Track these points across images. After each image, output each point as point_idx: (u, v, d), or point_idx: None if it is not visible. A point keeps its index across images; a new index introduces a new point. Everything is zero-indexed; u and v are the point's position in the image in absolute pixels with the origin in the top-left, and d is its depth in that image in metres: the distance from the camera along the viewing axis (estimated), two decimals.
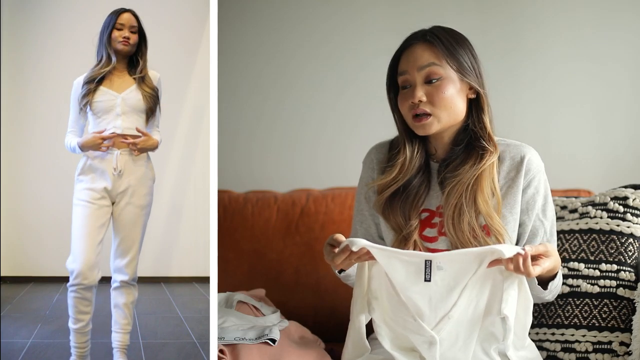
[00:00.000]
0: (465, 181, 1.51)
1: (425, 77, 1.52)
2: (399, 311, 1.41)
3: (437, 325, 1.39)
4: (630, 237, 1.68)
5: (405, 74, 1.54)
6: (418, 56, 1.53)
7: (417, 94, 1.51)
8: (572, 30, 2.32)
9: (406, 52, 1.55)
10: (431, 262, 1.39)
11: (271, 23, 2.50)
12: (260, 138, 2.51)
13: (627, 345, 1.60)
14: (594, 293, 1.66)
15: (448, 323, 1.39)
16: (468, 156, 1.54)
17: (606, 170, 2.30)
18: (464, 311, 1.39)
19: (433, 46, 1.53)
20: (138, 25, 1.59)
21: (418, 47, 1.54)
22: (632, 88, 2.29)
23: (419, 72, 1.52)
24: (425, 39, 1.54)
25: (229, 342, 1.50)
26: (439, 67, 1.51)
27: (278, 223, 2.22)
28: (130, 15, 1.58)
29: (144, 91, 1.58)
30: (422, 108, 1.51)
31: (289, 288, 2.15)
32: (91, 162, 1.57)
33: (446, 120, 1.53)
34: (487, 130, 1.55)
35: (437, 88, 1.51)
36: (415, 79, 1.52)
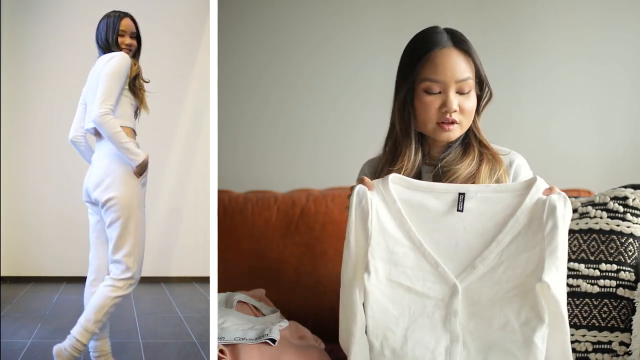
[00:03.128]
0: (462, 178, 1.52)
1: (458, 88, 1.51)
2: (417, 264, 1.39)
3: (461, 275, 1.37)
4: (630, 237, 1.68)
5: (439, 82, 1.50)
6: (455, 67, 1.50)
7: (453, 104, 1.50)
8: (572, 30, 2.32)
9: (438, 57, 1.51)
10: (464, 194, 1.39)
11: (271, 23, 2.50)
12: (260, 138, 2.52)
13: (627, 345, 1.60)
14: (593, 293, 1.66)
15: (472, 273, 1.37)
16: (465, 154, 1.55)
17: (606, 170, 2.30)
18: (493, 268, 1.36)
19: (467, 55, 1.52)
20: (137, 30, 1.57)
21: (453, 54, 1.51)
22: (632, 88, 2.29)
23: (456, 84, 1.50)
24: (457, 46, 1.52)
25: (229, 342, 1.50)
26: (472, 80, 1.52)
27: (278, 223, 2.22)
28: (130, 21, 1.56)
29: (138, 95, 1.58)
30: (453, 118, 1.51)
31: (289, 288, 2.15)
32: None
33: (465, 127, 1.55)
34: (481, 133, 1.58)
35: (467, 99, 1.52)
36: (449, 89, 1.50)
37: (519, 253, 1.36)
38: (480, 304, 1.37)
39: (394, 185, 1.42)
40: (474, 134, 1.58)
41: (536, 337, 1.31)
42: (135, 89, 1.51)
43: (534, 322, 1.32)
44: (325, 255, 2.15)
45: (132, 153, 1.49)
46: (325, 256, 2.15)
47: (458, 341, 1.35)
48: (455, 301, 1.37)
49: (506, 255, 1.37)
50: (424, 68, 1.52)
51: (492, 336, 1.35)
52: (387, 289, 1.39)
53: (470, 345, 1.35)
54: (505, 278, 1.36)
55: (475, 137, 1.57)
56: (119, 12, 1.56)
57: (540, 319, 1.32)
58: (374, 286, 1.37)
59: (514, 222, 1.37)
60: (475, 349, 1.35)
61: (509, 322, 1.34)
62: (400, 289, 1.39)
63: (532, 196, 1.38)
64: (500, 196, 1.39)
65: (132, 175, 1.51)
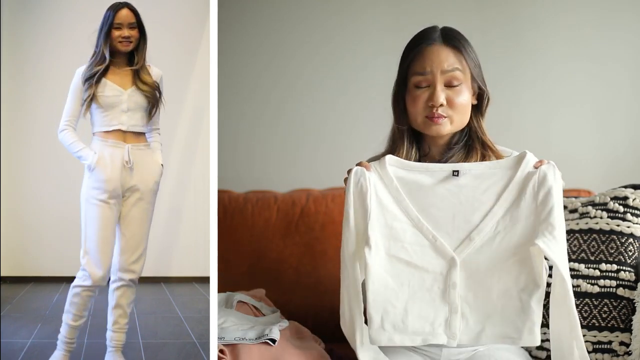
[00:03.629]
0: None
1: (446, 81, 1.51)
2: (415, 240, 1.42)
3: (458, 248, 1.41)
4: (630, 237, 1.68)
5: (426, 74, 1.51)
6: (443, 59, 1.51)
7: (439, 97, 1.50)
8: (572, 30, 2.32)
9: (426, 51, 1.52)
10: (458, 171, 1.43)
11: (271, 23, 2.50)
12: (261, 138, 2.52)
13: (627, 345, 1.60)
14: (594, 293, 1.66)
15: (469, 246, 1.40)
16: (468, 157, 1.54)
17: (606, 170, 2.30)
18: (489, 240, 1.40)
19: (457, 50, 1.52)
20: (137, 19, 1.56)
21: (441, 48, 1.52)
22: (632, 88, 2.29)
23: (442, 75, 1.50)
24: (447, 42, 1.52)
25: (229, 342, 1.50)
26: (461, 72, 1.51)
27: (278, 223, 2.22)
28: (128, 11, 1.55)
29: (143, 89, 1.57)
30: (440, 112, 1.51)
31: (289, 288, 2.15)
32: (100, 157, 1.55)
33: (458, 124, 1.54)
34: (486, 134, 1.57)
35: (457, 93, 1.51)
36: (436, 81, 1.50)
37: (514, 223, 1.41)
38: (478, 275, 1.41)
39: (390, 166, 1.47)
40: (477, 135, 1.56)
41: (532, 302, 1.37)
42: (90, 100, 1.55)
43: (531, 286, 1.37)
44: (325, 255, 2.15)
45: (83, 159, 1.56)
46: (325, 256, 2.15)
47: (457, 313, 1.40)
48: (454, 273, 1.41)
49: (502, 226, 1.41)
50: (413, 63, 1.53)
51: (490, 305, 1.39)
52: (387, 264, 1.42)
53: (468, 316, 1.40)
54: (502, 248, 1.40)
55: (478, 138, 1.56)
56: (118, 3, 1.55)
57: (536, 284, 1.37)
58: (374, 260, 1.41)
59: (507, 194, 1.42)
60: (473, 320, 1.40)
61: (507, 290, 1.39)
62: (399, 263, 1.42)
63: (522, 169, 1.43)
64: (492, 172, 1.44)
65: (87, 173, 1.56)
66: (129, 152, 1.56)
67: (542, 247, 1.34)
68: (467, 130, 1.57)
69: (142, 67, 1.58)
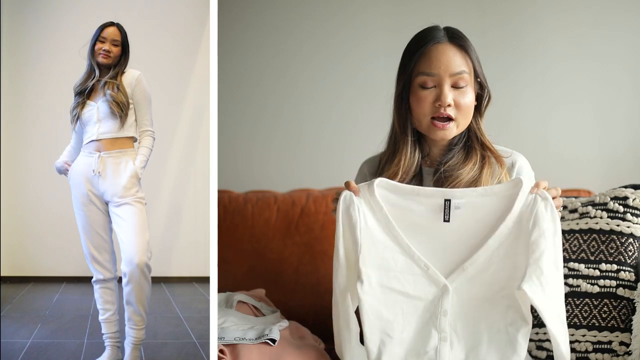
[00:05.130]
0: (465, 183, 1.51)
1: (453, 82, 1.50)
2: (407, 268, 1.40)
3: (451, 276, 1.40)
4: (630, 237, 1.68)
5: (433, 75, 1.50)
6: (450, 60, 1.50)
7: (447, 98, 1.49)
8: (571, 29, 2.32)
9: (432, 51, 1.51)
10: (450, 201, 1.39)
11: (271, 23, 2.50)
12: (260, 138, 2.52)
13: (627, 345, 1.60)
14: (594, 293, 1.66)
15: (462, 275, 1.39)
16: (467, 157, 1.54)
17: (606, 170, 2.30)
18: (482, 270, 1.38)
19: (462, 50, 1.52)
20: (122, 38, 1.60)
21: (447, 48, 1.51)
22: (632, 87, 2.29)
23: (450, 77, 1.50)
24: (453, 41, 1.52)
25: (229, 342, 1.50)
26: (468, 74, 1.51)
27: (278, 223, 2.22)
28: (115, 29, 1.60)
29: (108, 100, 1.59)
30: (447, 112, 1.50)
31: (289, 288, 2.15)
32: (73, 167, 1.61)
33: (462, 126, 1.53)
34: (485, 135, 1.57)
35: (463, 94, 1.51)
36: (444, 82, 1.50)
37: (507, 257, 1.39)
38: (470, 304, 1.39)
39: (379, 190, 1.43)
40: (476, 136, 1.56)
41: (520, 336, 1.36)
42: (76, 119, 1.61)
43: (519, 322, 1.37)
44: (325, 255, 2.15)
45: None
46: (325, 256, 2.15)
47: (446, 341, 1.38)
48: (446, 301, 1.39)
49: (495, 258, 1.39)
50: (419, 62, 1.52)
51: (478, 335, 1.38)
52: (380, 294, 1.41)
53: (456, 345, 1.38)
54: (495, 280, 1.39)
55: (477, 139, 1.56)
56: (109, 22, 1.60)
57: (525, 320, 1.37)
58: (367, 294, 1.39)
59: (503, 227, 1.39)
60: (461, 348, 1.38)
61: (495, 322, 1.38)
62: (392, 293, 1.41)
63: (520, 201, 1.39)
64: (486, 200, 1.41)
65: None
66: (96, 161, 1.58)
67: (528, 293, 1.32)
68: (466, 131, 1.57)
69: (113, 81, 1.61)
